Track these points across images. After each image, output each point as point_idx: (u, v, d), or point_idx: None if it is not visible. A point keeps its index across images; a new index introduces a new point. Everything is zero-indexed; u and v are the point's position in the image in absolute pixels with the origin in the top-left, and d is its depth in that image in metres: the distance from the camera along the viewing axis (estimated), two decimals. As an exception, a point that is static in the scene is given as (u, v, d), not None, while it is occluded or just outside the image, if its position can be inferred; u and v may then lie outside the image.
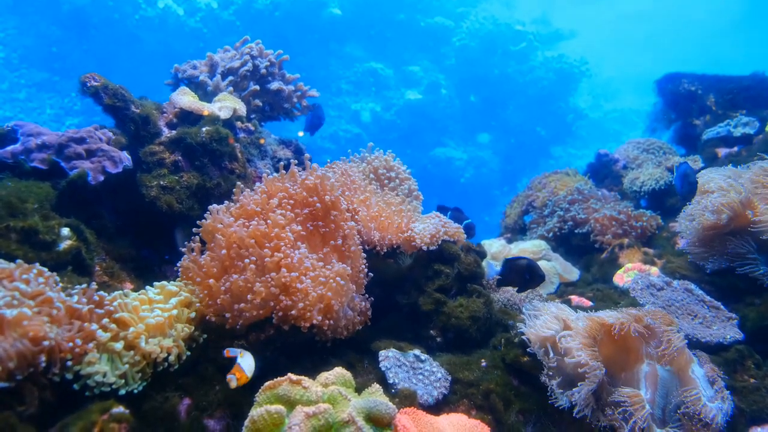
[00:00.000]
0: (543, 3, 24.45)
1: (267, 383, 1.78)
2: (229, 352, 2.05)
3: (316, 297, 2.22)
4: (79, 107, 15.30)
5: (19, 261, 1.96)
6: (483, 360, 2.49)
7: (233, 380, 1.91)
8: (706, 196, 3.13)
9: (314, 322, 2.22)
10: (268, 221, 2.39)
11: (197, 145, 2.97)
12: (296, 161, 3.67)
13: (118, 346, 1.93)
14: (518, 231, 5.01)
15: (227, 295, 2.24)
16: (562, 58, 19.31)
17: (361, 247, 2.71)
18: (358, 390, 1.94)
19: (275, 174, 2.73)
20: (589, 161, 5.54)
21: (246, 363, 1.98)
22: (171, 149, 2.97)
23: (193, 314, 2.23)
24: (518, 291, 2.99)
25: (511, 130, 19.32)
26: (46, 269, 2.00)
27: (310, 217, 2.58)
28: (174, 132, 3.03)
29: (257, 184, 2.67)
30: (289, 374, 1.79)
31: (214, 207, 2.51)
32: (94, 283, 2.13)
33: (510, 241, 4.58)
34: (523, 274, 2.80)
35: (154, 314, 2.10)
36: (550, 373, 2.23)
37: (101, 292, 2.08)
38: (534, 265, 2.79)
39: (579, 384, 2.06)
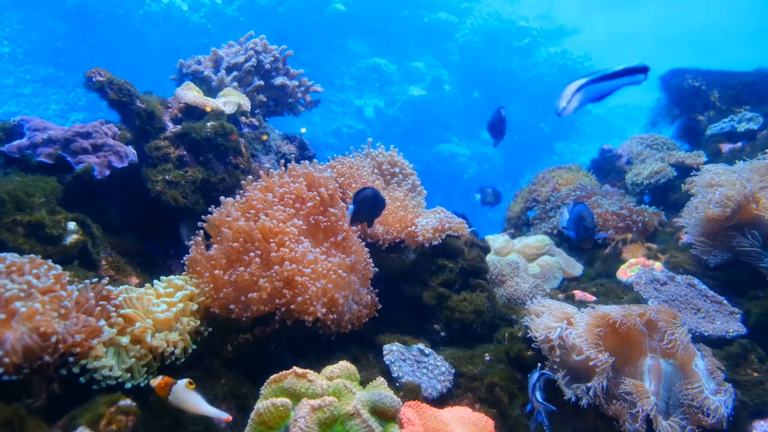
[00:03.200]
0: (547, -2, 24.42)
1: (272, 376, 1.79)
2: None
3: (318, 290, 2.23)
4: (84, 102, 15.34)
5: (31, 256, 1.97)
6: (487, 354, 2.51)
7: (157, 380, 1.83)
8: (711, 189, 3.12)
9: (318, 315, 2.23)
10: (268, 217, 2.41)
11: (202, 140, 2.99)
12: (300, 156, 3.69)
13: (125, 340, 1.94)
14: (522, 226, 5.01)
15: (231, 288, 2.26)
16: (566, 54, 19.27)
17: (362, 242, 2.72)
18: (363, 383, 1.95)
19: (274, 170, 2.74)
20: (593, 157, 5.54)
21: (182, 386, 1.83)
22: (176, 144, 2.98)
23: (195, 306, 2.25)
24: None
25: (514, 126, 19.21)
26: (57, 266, 2.01)
27: (312, 212, 2.59)
28: (179, 127, 3.05)
29: (256, 182, 2.68)
30: (295, 367, 1.80)
31: (228, 200, 2.52)
32: (105, 278, 2.14)
33: (513, 236, 4.59)
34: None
35: (161, 308, 2.11)
36: (555, 367, 2.24)
37: (110, 287, 2.10)
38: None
39: (591, 378, 2.07)
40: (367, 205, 2.51)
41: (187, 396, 1.83)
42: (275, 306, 2.24)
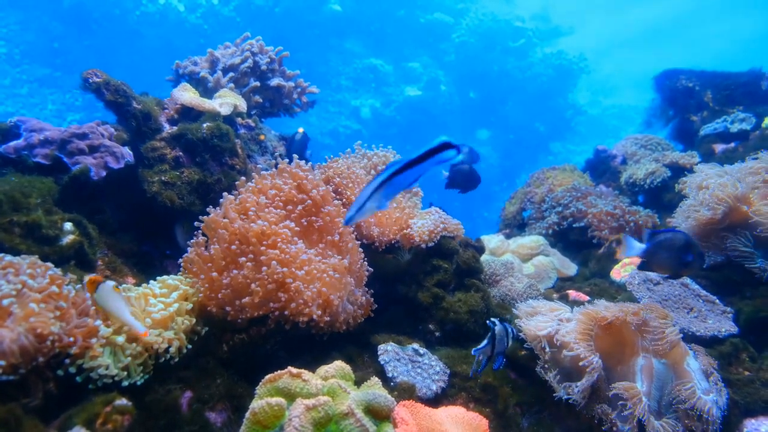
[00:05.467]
0: (542, -1, 24.46)
1: (267, 376, 1.80)
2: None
3: (313, 293, 2.25)
4: (81, 103, 15.31)
5: (31, 258, 1.98)
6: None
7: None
8: (702, 191, 3.15)
9: (314, 317, 2.24)
10: (261, 218, 2.42)
11: (198, 141, 3.00)
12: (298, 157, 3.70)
13: (120, 339, 1.95)
14: (517, 226, 5.04)
15: (228, 290, 2.27)
16: (561, 55, 19.32)
17: (358, 241, 2.74)
18: (358, 383, 1.96)
19: (265, 171, 2.75)
20: (588, 157, 5.56)
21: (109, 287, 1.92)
22: (172, 145, 2.99)
23: (190, 306, 2.26)
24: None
25: (510, 126, 19.33)
26: (54, 266, 2.02)
27: (305, 213, 2.60)
28: (175, 128, 3.06)
29: (250, 182, 2.70)
30: (289, 367, 1.81)
31: (229, 197, 2.53)
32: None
33: (509, 236, 4.61)
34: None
35: (157, 308, 2.13)
36: (547, 366, 2.26)
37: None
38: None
39: (582, 377, 2.09)
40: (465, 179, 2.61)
41: (111, 297, 1.90)
42: (269, 309, 2.25)
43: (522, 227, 4.94)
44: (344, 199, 2.92)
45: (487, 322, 2.21)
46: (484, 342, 2.15)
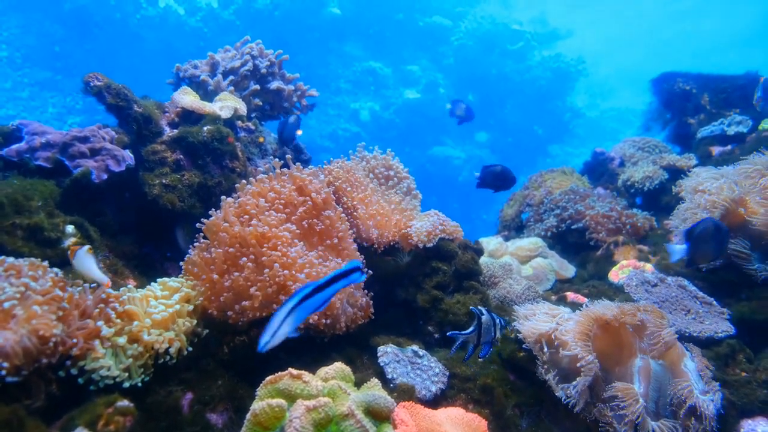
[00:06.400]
0: (540, 2, 24.46)
1: (268, 378, 1.82)
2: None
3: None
4: (81, 106, 15.31)
5: (31, 260, 2.00)
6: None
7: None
8: (698, 194, 3.17)
9: (312, 321, 2.26)
10: (261, 222, 2.43)
11: (199, 144, 3.02)
12: (296, 160, 3.72)
13: (122, 340, 1.97)
14: (515, 229, 5.05)
15: (230, 293, 2.28)
16: (559, 58, 19.33)
17: (356, 244, 2.75)
18: (358, 384, 1.98)
19: (263, 175, 2.76)
20: (586, 159, 5.58)
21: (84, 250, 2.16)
22: (173, 148, 3.01)
23: (191, 307, 2.27)
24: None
25: (508, 129, 19.34)
26: (56, 269, 2.04)
27: (305, 216, 2.62)
28: (176, 131, 3.07)
29: (249, 185, 2.71)
30: (290, 369, 1.83)
31: (228, 200, 2.54)
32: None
33: (507, 238, 4.62)
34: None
35: (158, 309, 2.14)
36: (546, 368, 2.27)
37: (109, 290, 2.12)
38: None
39: (577, 378, 2.10)
40: (496, 179, 2.70)
41: (84, 259, 2.13)
42: (271, 311, 2.27)
43: (520, 229, 4.96)
44: (344, 203, 2.94)
45: (472, 308, 2.24)
46: (470, 329, 2.18)
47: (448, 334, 2.20)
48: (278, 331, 1.58)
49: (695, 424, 2.03)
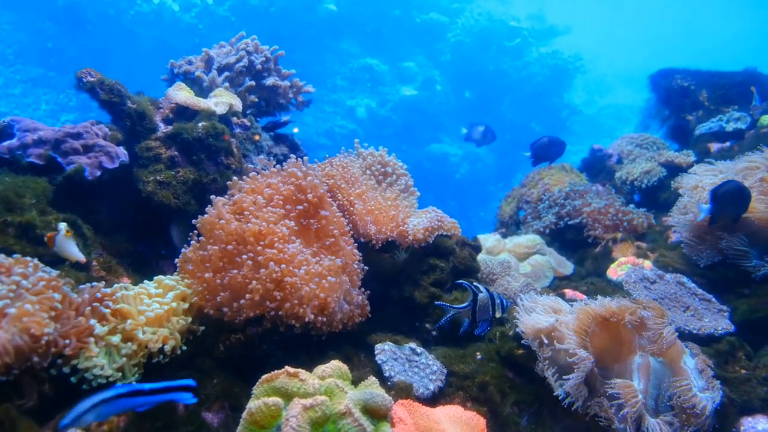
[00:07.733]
0: (538, -1, 24.49)
1: (264, 376, 1.80)
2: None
3: (308, 293, 2.24)
4: (75, 103, 15.23)
5: (16, 256, 1.97)
6: (478, 353, 2.52)
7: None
8: (697, 190, 3.16)
9: (307, 319, 2.24)
10: (258, 219, 2.41)
11: (193, 141, 2.99)
12: (293, 156, 3.69)
13: (116, 339, 1.94)
14: (513, 226, 5.04)
15: (227, 292, 2.26)
16: (557, 54, 19.31)
17: (353, 242, 2.73)
18: (355, 383, 1.96)
19: (255, 172, 2.74)
20: (584, 156, 5.56)
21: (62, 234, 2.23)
22: (167, 144, 2.98)
23: (186, 305, 2.25)
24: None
25: (506, 126, 19.30)
26: (48, 267, 2.01)
27: (302, 214, 2.60)
28: (170, 127, 3.04)
29: (242, 182, 2.68)
30: (287, 367, 1.81)
31: (219, 199, 2.51)
32: (102, 282, 2.14)
33: (505, 235, 4.61)
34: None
35: (153, 308, 2.12)
36: (545, 364, 2.26)
37: (105, 289, 2.09)
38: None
39: (572, 373, 2.09)
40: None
41: (63, 242, 2.22)
42: (266, 309, 2.25)
43: (518, 226, 4.94)
44: (339, 200, 2.91)
45: (464, 283, 2.23)
46: (465, 303, 2.17)
47: (436, 303, 2.18)
48: (83, 417, 1.53)
49: (694, 421, 2.02)
